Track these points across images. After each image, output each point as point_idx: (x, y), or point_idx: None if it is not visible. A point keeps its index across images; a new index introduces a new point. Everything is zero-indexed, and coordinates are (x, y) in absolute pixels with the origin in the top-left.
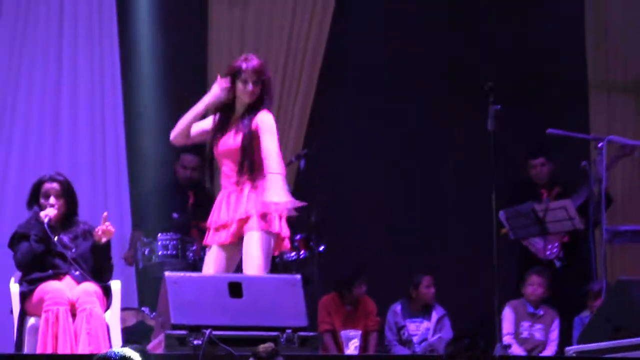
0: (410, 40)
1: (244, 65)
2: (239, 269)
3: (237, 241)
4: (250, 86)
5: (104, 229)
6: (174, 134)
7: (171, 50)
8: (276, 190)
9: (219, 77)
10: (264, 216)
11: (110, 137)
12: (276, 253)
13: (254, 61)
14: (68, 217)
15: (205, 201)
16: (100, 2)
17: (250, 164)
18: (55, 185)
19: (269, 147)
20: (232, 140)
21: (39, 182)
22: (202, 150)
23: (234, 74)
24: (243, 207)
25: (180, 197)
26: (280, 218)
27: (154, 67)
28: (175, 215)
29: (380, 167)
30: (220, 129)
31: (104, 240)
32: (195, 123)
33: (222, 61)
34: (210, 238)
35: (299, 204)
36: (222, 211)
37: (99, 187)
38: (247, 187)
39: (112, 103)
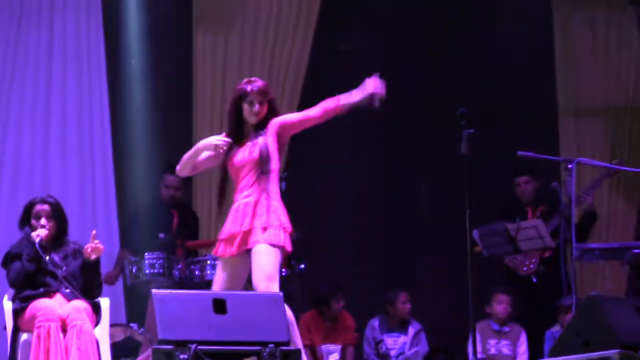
0: (386, 69)
1: (248, 88)
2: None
3: (246, 253)
4: (256, 107)
5: (93, 247)
6: (179, 168)
7: (158, 76)
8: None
9: (225, 134)
10: (270, 228)
11: (98, 160)
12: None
13: (258, 82)
14: (58, 237)
15: (189, 220)
16: (88, 30)
17: (266, 174)
18: (46, 206)
19: (294, 114)
20: (247, 153)
21: (30, 204)
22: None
23: (239, 97)
24: (249, 219)
25: (165, 216)
26: (286, 232)
27: (142, 93)
28: (161, 235)
29: (357, 190)
30: (235, 144)
31: (93, 257)
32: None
33: (205, 86)
34: (220, 250)
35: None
36: (230, 223)
37: (87, 208)
38: (259, 200)
39: (100, 127)
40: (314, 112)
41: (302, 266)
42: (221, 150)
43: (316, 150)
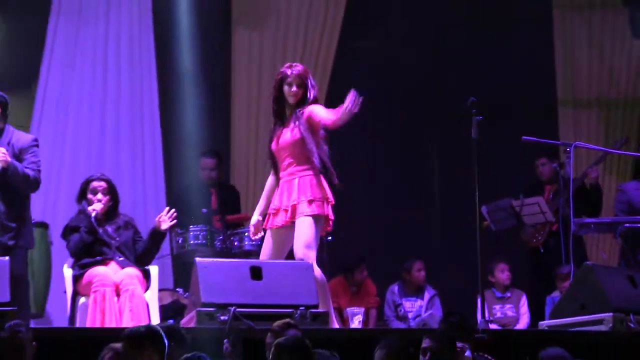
0: (403, 65)
1: (288, 71)
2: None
3: (290, 225)
4: (294, 88)
5: (165, 220)
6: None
7: (201, 70)
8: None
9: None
10: (312, 202)
11: (148, 144)
12: (322, 234)
13: (298, 67)
14: (112, 211)
15: (228, 197)
16: (140, 25)
17: (304, 154)
18: (102, 183)
19: (323, 111)
20: (289, 135)
21: (87, 180)
22: (219, 153)
23: (281, 79)
24: (295, 194)
25: (206, 194)
26: (329, 203)
27: (186, 85)
28: (204, 210)
29: (379, 170)
30: (279, 127)
31: (163, 228)
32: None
33: (242, 79)
34: (269, 222)
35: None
36: (277, 198)
37: (138, 185)
38: (298, 176)
39: (150, 114)
40: (329, 120)
41: (330, 237)
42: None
43: (339, 137)
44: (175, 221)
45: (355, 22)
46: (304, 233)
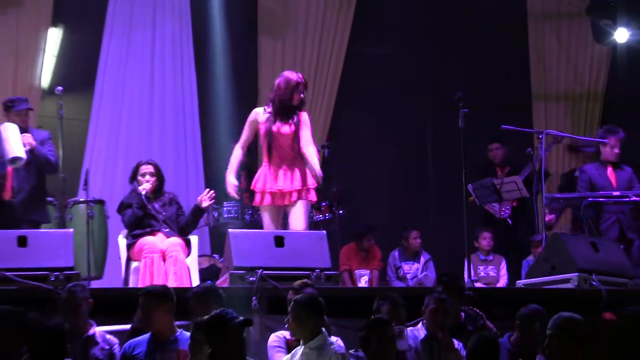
0: (402, 65)
1: (302, 81)
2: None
3: (289, 204)
4: (302, 94)
5: (204, 199)
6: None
7: (232, 71)
8: (317, 164)
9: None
10: (310, 190)
11: (189, 132)
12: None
13: (303, 79)
14: (158, 189)
15: (252, 180)
16: (181, 33)
17: (297, 147)
18: (149, 167)
19: (307, 136)
20: (289, 128)
21: (138, 164)
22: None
23: (296, 86)
24: (298, 181)
25: (236, 176)
26: (314, 190)
27: (220, 84)
28: (239, 186)
29: (382, 156)
30: (279, 119)
31: (204, 205)
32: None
33: (268, 78)
34: (267, 200)
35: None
36: (279, 180)
37: (180, 168)
38: (298, 164)
39: (190, 108)
40: (303, 146)
41: (341, 212)
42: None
43: (351, 127)
44: (213, 200)
45: (361, 30)
46: (301, 214)
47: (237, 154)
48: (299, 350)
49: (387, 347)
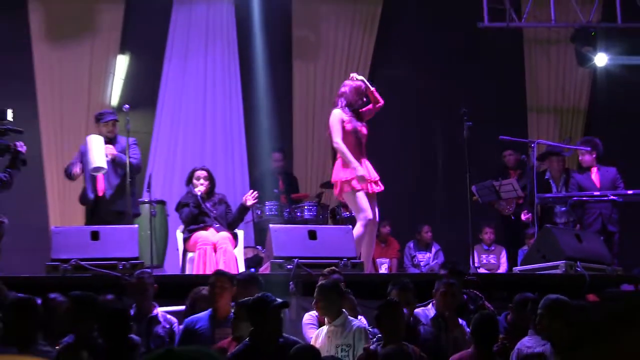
0: (418, 84)
1: (363, 87)
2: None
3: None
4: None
5: (249, 198)
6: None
7: (271, 88)
8: None
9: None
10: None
11: (236, 142)
12: None
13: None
14: (210, 191)
15: (291, 181)
16: (229, 60)
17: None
18: (203, 172)
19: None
20: (364, 128)
21: (193, 170)
22: (284, 150)
23: (366, 89)
24: (374, 173)
25: (276, 179)
26: None
27: (262, 100)
28: (275, 190)
29: (401, 161)
30: (356, 119)
31: (248, 204)
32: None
33: (302, 97)
34: (365, 186)
35: None
36: (368, 171)
37: (229, 173)
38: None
39: (237, 121)
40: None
41: None
42: None
43: (377, 139)
44: (257, 200)
45: (382, 54)
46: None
47: (345, 148)
48: (324, 328)
49: (396, 325)
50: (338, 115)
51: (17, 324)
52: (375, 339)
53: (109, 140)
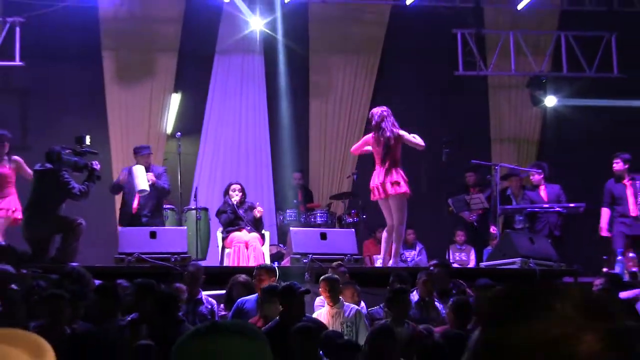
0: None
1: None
2: None
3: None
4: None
5: (257, 212)
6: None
7: (292, 120)
8: None
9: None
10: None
11: (264, 162)
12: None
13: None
14: (243, 201)
15: (306, 194)
16: (259, 94)
17: None
18: (237, 186)
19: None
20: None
21: (229, 184)
22: (302, 170)
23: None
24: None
25: (295, 192)
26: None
27: (285, 128)
28: (295, 201)
29: None
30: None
31: (258, 216)
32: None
33: (315, 127)
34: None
35: None
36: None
37: (258, 187)
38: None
39: (264, 145)
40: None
41: (364, 217)
42: None
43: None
44: (261, 213)
45: (379, 93)
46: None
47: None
48: (325, 309)
49: (404, 305)
50: (367, 137)
51: (101, 303)
52: (383, 319)
53: (147, 170)
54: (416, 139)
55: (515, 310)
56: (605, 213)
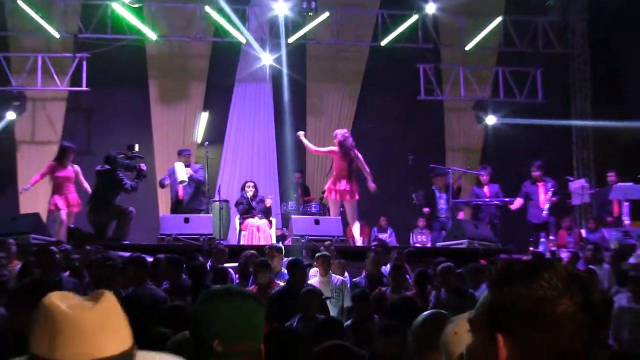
0: (383, 133)
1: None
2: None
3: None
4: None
5: (267, 201)
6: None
7: (293, 133)
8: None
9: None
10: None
11: (271, 164)
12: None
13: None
14: (255, 195)
15: (303, 190)
16: (268, 112)
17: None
18: (251, 183)
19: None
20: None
21: (245, 182)
22: (302, 170)
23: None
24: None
25: (296, 188)
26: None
27: (288, 140)
28: (295, 195)
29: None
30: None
31: (268, 205)
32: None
33: (312, 140)
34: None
35: None
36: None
37: (267, 184)
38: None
39: (272, 151)
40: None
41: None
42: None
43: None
44: (270, 203)
45: (360, 113)
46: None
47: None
48: (317, 278)
49: (402, 279)
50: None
51: (134, 272)
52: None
53: (186, 166)
54: (365, 167)
55: (513, 277)
56: (517, 201)
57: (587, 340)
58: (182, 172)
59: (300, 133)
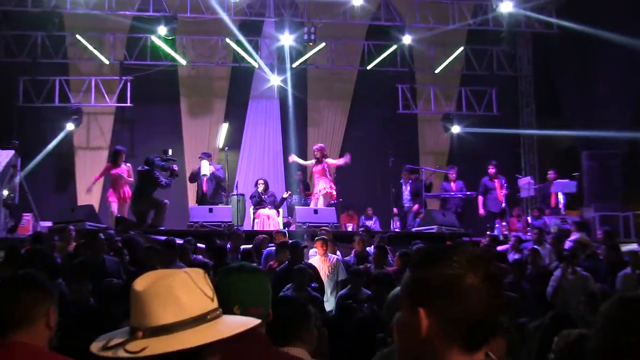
0: (369, 141)
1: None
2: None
3: None
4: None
5: (285, 195)
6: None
7: (297, 140)
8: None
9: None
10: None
11: (279, 165)
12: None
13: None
14: (266, 190)
15: (305, 185)
16: (275, 124)
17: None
18: (262, 181)
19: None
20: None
21: (257, 180)
22: (304, 169)
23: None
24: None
25: (297, 184)
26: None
27: (292, 147)
28: (298, 189)
29: (360, 178)
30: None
31: (285, 196)
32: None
33: (313, 145)
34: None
35: None
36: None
37: (275, 181)
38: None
39: (279, 154)
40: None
41: (341, 200)
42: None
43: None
44: (289, 194)
45: (351, 124)
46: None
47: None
48: (317, 257)
49: (382, 256)
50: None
51: (165, 253)
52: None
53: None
54: (339, 161)
55: (429, 259)
56: (480, 200)
57: (493, 305)
58: (205, 169)
59: (291, 158)
